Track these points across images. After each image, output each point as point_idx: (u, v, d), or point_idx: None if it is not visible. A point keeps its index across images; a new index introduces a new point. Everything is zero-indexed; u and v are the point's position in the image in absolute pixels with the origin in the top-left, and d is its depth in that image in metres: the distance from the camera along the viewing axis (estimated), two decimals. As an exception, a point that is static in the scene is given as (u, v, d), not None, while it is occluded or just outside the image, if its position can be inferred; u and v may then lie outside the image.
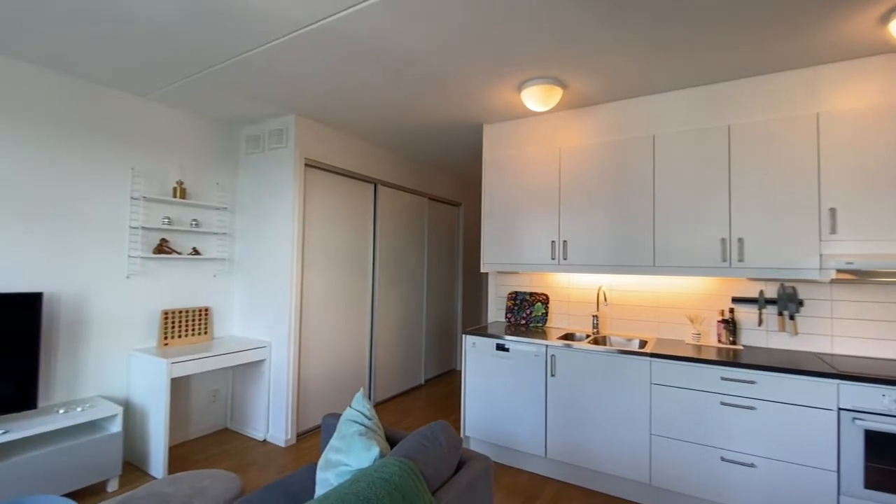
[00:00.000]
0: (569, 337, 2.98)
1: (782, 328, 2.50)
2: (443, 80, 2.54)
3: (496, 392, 2.84)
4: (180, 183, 3.07)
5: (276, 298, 3.22)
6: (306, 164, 3.30)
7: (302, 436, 3.27)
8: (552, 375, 2.65)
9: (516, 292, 3.37)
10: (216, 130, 3.37)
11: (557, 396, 2.63)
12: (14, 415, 2.30)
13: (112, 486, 2.45)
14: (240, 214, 3.50)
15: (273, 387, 3.20)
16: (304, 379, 3.29)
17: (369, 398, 3.94)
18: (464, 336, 2.98)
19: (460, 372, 5.19)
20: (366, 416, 1.71)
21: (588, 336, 2.95)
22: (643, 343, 2.78)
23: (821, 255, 2.22)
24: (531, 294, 3.31)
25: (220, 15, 1.92)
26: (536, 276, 3.34)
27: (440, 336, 5.06)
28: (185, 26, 2.01)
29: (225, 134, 3.44)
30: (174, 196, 3.04)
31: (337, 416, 1.96)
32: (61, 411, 2.39)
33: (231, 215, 3.47)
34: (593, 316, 3.00)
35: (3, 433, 2.07)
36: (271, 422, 3.19)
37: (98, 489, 2.44)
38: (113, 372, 2.78)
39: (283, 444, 3.10)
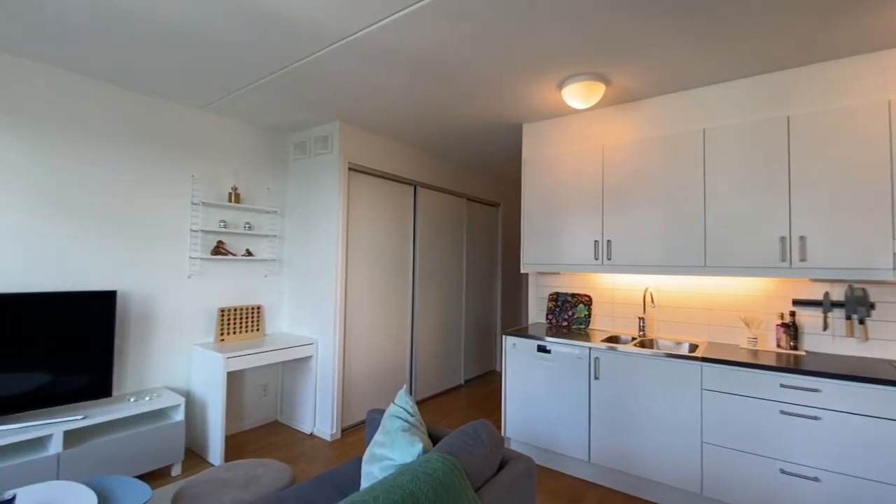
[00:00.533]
0: (613, 339, 2.90)
1: (850, 333, 2.31)
2: (483, 82, 2.56)
3: (537, 394, 2.82)
4: (235, 188, 3.26)
5: (322, 297, 3.35)
6: (350, 168, 3.41)
7: (346, 430, 3.38)
8: (596, 378, 2.59)
9: (557, 293, 3.32)
10: (266, 138, 3.56)
11: (601, 400, 2.57)
12: (91, 402, 2.54)
13: (175, 470, 2.64)
14: (289, 217, 3.67)
15: (319, 382, 3.33)
16: (348, 375, 3.40)
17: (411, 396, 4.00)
18: (504, 337, 2.98)
19: (500, 373, 5.18)
20: (409, 413, 1.75)
21: (634, 339, 2.86)
22: (693, 347, 2.66)
23: (895, 254, 2.04)
24: (573, 295, 3.25)
25: (272, 30, 2.03)
26: (578, 277, 3.27)
27: (480, 336, 5.06)
28: (238, 40, 2.15)
29: (274, 141, 3.62)
30: (229, 201, 3.23)
31: (381, 412, 2.02)
32: (132, 399, 2.60)
33: (280, 218, 3.64)
34: (639, 318, 2.91)
35: (83, 418, 2.29)
36: (318, 416, 3.32)
37: (163, 473, 2.64)
38: (176, 364, 2.99)
39: (328, 439, 3.22)
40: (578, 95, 2.51)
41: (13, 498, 1.46)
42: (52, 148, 2.47)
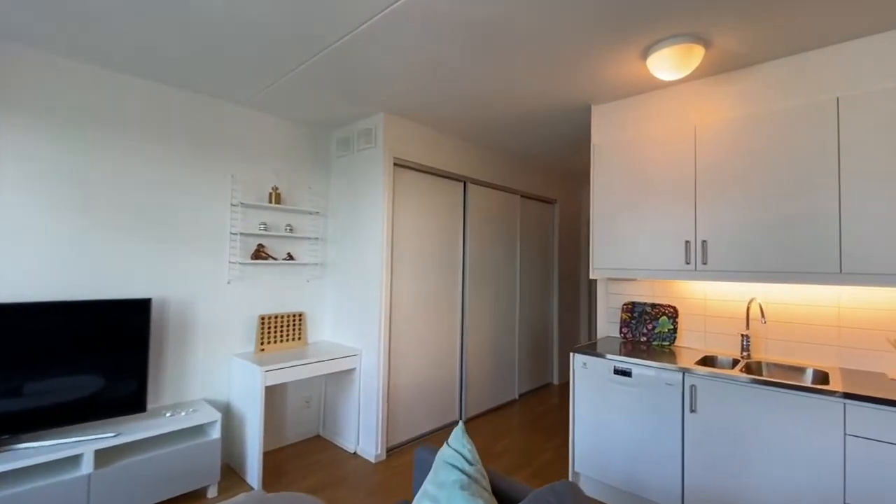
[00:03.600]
0: (709, 361, 2.40)
1: None
2: (547, 54, 2.16)
3: (614, 424, 2.37)
4: (275, 188, 3.06)
5: (365, 304, 3.08)
6: (395, 164, 3.11)
7: (391, 451, 3.08)
8: (692, 411, 2.11)
9: (634, 303, 2.84)
10: (308, 135, 3.34)
11: (699, 438, 2.09)
12: (124, 417, 2.39)
13: (212, 492, 2.45)
14: (332, 218, 3.44)
15: (363, 397, 3.06)
16: (393, 389, 3.10)
17: (460, 413, 3.66)
18: (572, 355, 2.55)
19: (557, 387, 4.71)
20: (468, 461, 1.39)
21: (736, 361, 2.33)
22: (821, 375, 2.11)
23: None
24: (653, 306, 2.75)
25: (309, 2, 1.75)
26: (659, 285, 2.77)
27: (535, 347, 4.62)
28: (275, 18, 1.89)
29: (316, 138, 3.40)
30: (270, 202, 3.04)
31: (431, 450, 1.68)
32: (168, 414, 2.44)
33: (323, 219, 3.42)
34: (742, 335, 2.38)
35: (115, 436, 2.13)
36: (361, 434, 3.05)
37: (199, 495, 2.45)
38: (216, 375, 2.82)
39: (372, 460, 2.93)
40: (670, 63, 2.04)
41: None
42: (79, 150, 2.34)
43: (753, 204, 2.18)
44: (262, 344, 2.96)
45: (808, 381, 2.16)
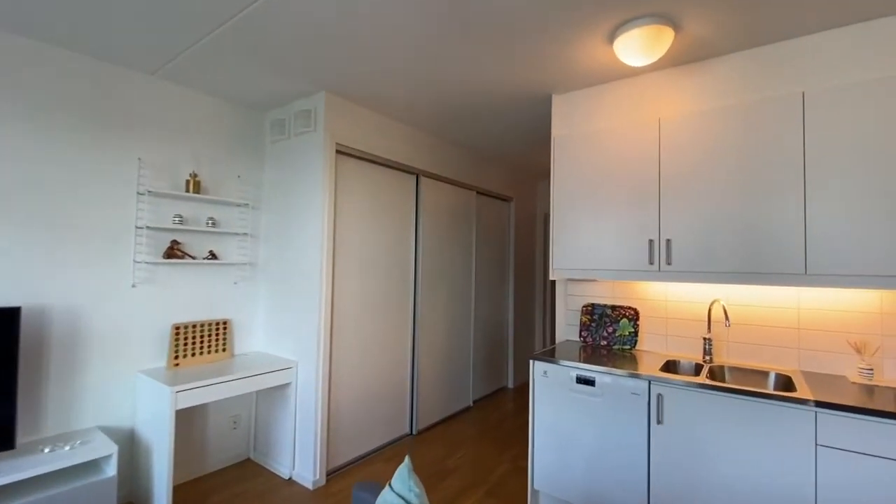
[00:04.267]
0: (672, 366, 2.28)
1: None
2: (508, 32, 1.93)
3: (576, 436, 2.19)
4: (194, 175, 2.62)
5: (303, 309, 2.72)
6: (338, 151, 2.78)
7: (333, 474, 2.74)
8: (658, 423, 1.96)
9: (593, 305, 2.69)
10: (237, 115, 2.92)
11: (666, 453, 1.94)
12: (-16, 457, 1.90)
13: (104, 542, 2.01)
14: (265, 212, 3.03)
15: (300, 415, 2.70)
16: (335, 404, 2.77)
17: (411, 425, 3.38)
18: (532, 362, 2.35)
19: (512, 391, 4.55)
20: (414, 510, 1.12)
21: (700, 366, 2.23)
22: (783, 379, 2.04)
23: None
24: (613, 308, 2.62)
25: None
26: (619, 286, 2.64)
27: (490, 350, 4.43)
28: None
29: (247, 119, 2.98)
30: (187, 190, 2.60)
31: (371, 490, 1.38)
32: (46, 450, 1.97)
33: (255, 213, 3.00)
34: (704, 339, 2.28)
35: (-39, 486, 1.66)
36: (298, 456, 2.69)
37: (87, 547, 2.00)
38: (116, 397, 2.36)
39: (310, 486, 2.59)
40: (639, 46, 1.88)
41: None
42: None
43: (718, 202, 2.07)
44: (175, 358, 2.52)
45: (771, 385, 2.09)
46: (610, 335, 2.60)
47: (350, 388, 2.87)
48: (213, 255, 2.74)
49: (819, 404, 1.65)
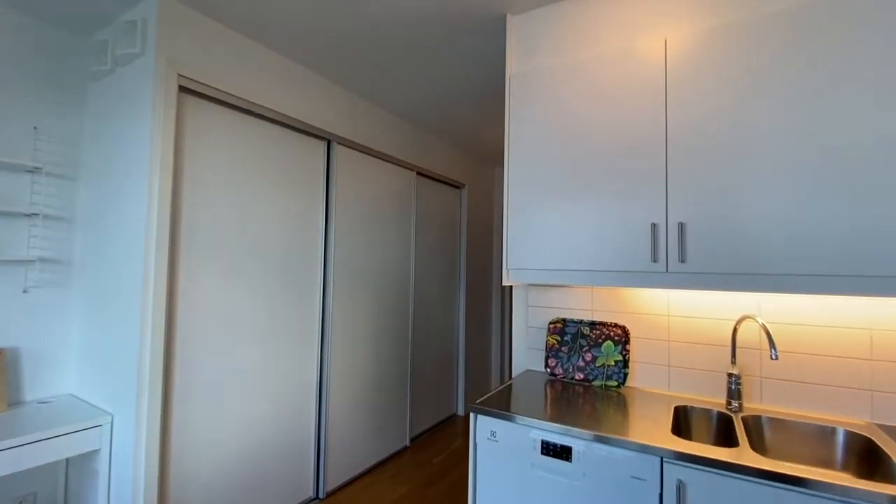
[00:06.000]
0: (684, 418, 1.50)
1: None
2: None
3: (541, 539, 1.35)
4: (-68, 116, 1.60)
5: (119, 332, 1.75)
6: (185, 89, 1.83)
7: (174, 586, 1.78)
8: (680, 531, 1.16)
9: (565, 321, 1.88)
10: (34, 33, 1.91)
11: (691, 578, 1.14)
12: None
13: None
14: (85, 184, 2.03)
15: (116, 498, 1.72)
16: (179, 480, 1.80)
17: (317, 487, 2.44)
18: (473, 416, 1.49)
19: (462, 420, 3.70)
20: None
21: (727, 418, 1.45)
22: (859, 442, 1.29)
23: None
24: (593, 325, 1.82)
25: None
26: (602, 294, 1.85)
27: (435, 373, 3.56)
28: None
29: (54, 42, 1.97)
30: (-84, 140, 1.57)
31: None
32: None
33: (69, 185, 2.00)
34: (730, 375, 1.51)
35: None
36: (113, 565, 1.70)
37: None
38: None
39: None
40: None
41: None
42: None
43: (771, 165, 1.30)
44: None
45: (839, 450, 1.34)
46: (588, 364, 1.79)
47: (210, 449, 1.91)
48: (-28, 248, 1.71)
49: None
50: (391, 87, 2.58)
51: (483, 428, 1.46)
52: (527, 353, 1.99)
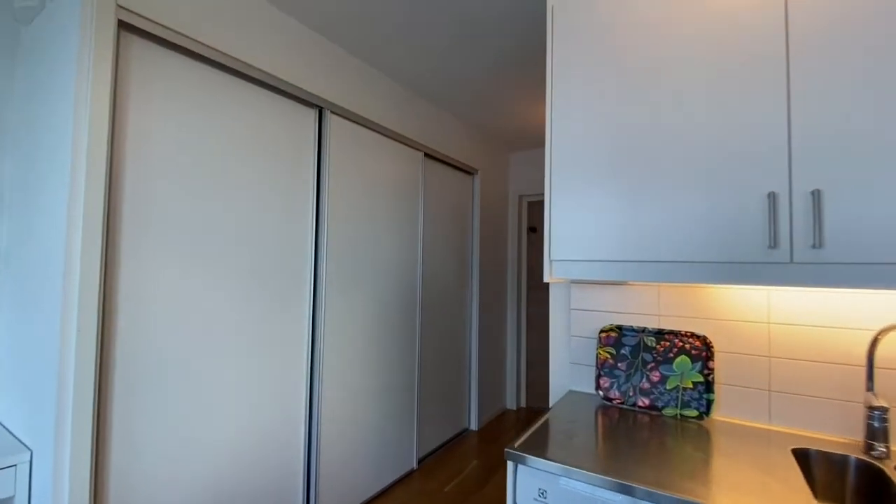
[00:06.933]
0: (805, 464, 1.07)
1: None
2: None
3: None
4: None
5: (40, 343, 1.33)
6: (124, 25, 1.41)
7: None
8: None
9: (621, 329, 1.45)
10: (-57, -37, 1.50)
11: None
12: None
13: None
14: (11, 155, 1.62)
15: (36, 562, 1.31)
16: (122, 533, 1.39)
17: (307, 525, 2.02)
18: (512, 466, 1.06)
19: (476, 435, 3.27)
20: None
21: (873, 470, 1.02)
22: None
23: None
24: (660, 334, 1.39)
25: None
26: (671, 293, 1.42)
27: (444, 383, 3.14)
28: None
29: (-28, -23, 1.56)
30: None
31: None
32: None
33: (-10, 157, 1.59)
34: (871, 408, 1.07)
35: None
36: None
37: None
38: None
39: None
40: None
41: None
42: None
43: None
44: None
45: None
46: (656, 387, 1.36)
47: (167, 494, 1.50)
48: None
49: None
50: (401, 49, 2.16)
51: (528, 486, 1.03)
52: (570, 370, 1.56)
